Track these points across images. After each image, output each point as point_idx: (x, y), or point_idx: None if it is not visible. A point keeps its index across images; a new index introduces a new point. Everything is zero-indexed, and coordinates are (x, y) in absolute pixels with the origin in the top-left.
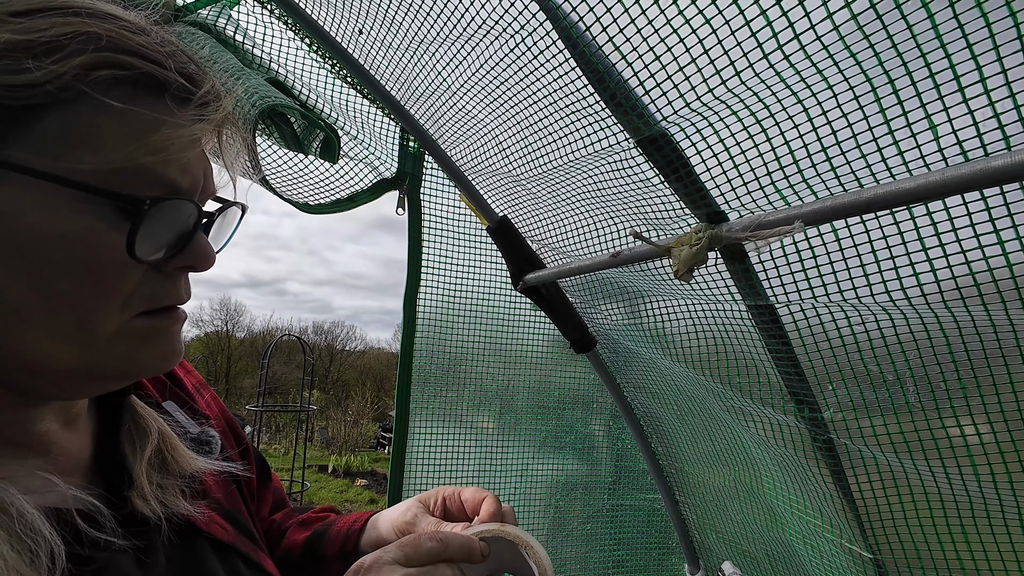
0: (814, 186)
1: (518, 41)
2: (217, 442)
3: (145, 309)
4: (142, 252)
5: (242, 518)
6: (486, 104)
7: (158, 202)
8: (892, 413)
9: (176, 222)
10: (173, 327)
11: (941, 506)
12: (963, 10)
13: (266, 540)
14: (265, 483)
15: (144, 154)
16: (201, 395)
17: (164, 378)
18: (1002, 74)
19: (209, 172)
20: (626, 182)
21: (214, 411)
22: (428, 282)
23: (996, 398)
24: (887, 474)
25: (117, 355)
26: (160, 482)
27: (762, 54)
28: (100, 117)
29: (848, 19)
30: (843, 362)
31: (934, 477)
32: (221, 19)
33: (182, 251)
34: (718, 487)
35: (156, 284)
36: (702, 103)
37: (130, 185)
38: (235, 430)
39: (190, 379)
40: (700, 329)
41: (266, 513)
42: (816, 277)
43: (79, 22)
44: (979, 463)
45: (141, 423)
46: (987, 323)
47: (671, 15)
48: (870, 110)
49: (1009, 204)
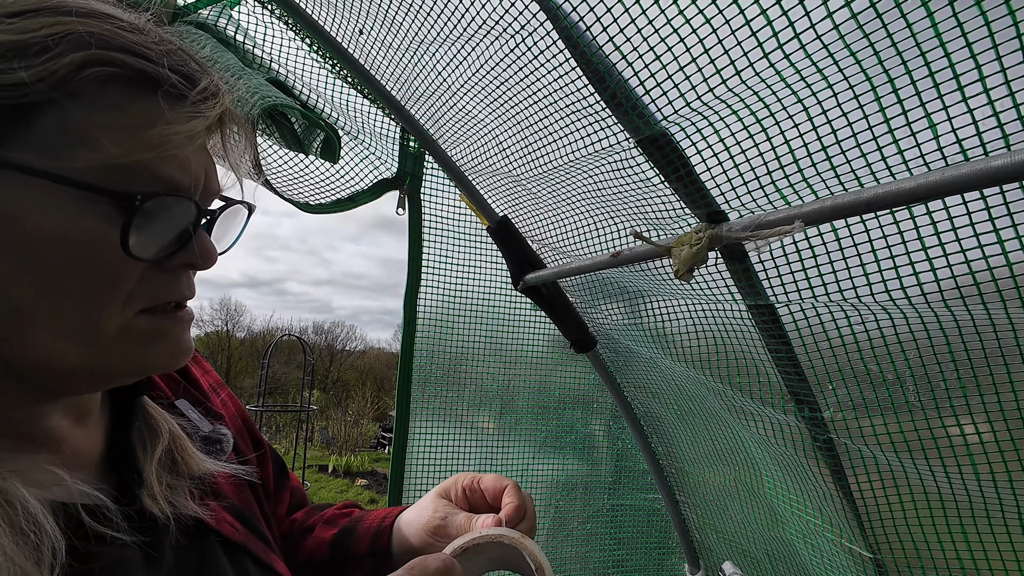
0: (814, 185)
1: (518, 41)
2: (229, 441)
3: (146, 306)
4: (138, 249)
5: (254, 518)
6: (486, 104)
7: (150, 198)
8: (892, 412)
9: (174, 218)
10: (177, 327)
11: (941, 505)
12: (962, 8)
13: (287, 540)
14: (283, 483)
15: (140, 151)
16: (217, 394)
17: (178, 377)
18: (1001, 73)
19: (212, 170)
20: (626, 182)
21: (230, 411)
22: (428, 282)
23: (996, 397)
24: (887, 473)
25: (121, 354)
26: (170, 482)
27: (762, 53)
28: (95, 115)
29: (848, 18)
30: (843, 362)
31: (934, 477)
32: (222, 19)
33: (183, 248)
34: (718, 487)
35: (157, 281)
36: (702, 103)
37: (126, 182)
38: (252, 430)
39: (207, 379)
40: (700, 329)
41: (283, 513)
42: (816, 277)
43: (71, 21)
44: (979, 462)
45: (152, 423)
46: (987, 323)
47: (671, 15)
48: (870, 109)
49: (1008, 204)
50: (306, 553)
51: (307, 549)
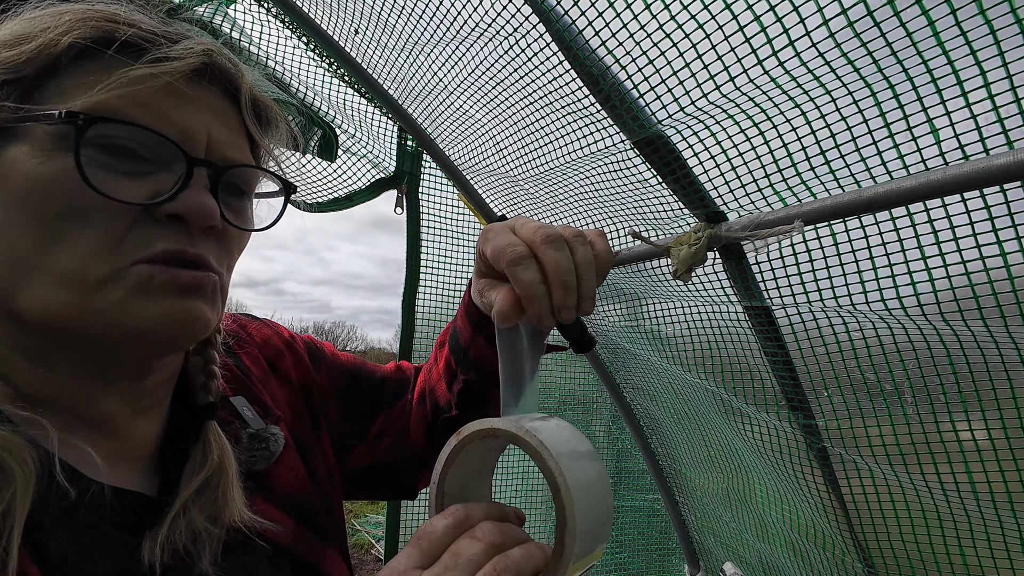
0: (813, 188)
1: (512, 43)
2: (278, 441)
3: (142, 257)
4: (100, 182)
5: (308, 507)
6: (483, 104)
7: (96, 121)
8: (889, 425)
9: (146, 158)
10: (174, 286)
11: (937, 516)
12: (960, 5)
13: (417, 429)
14: (374, 418)
15: (105, 93)
16: (267, 387)
17: (240, 374)
18: (1002, 68)
19: (217, 131)
20: (624, 183)
21: (283, 399)
22: (427, 282)
23: (995, 405)
24: (882, 485)
25: (112, 301)
26: (197, 527)
27: (756, 60)
28: (69, 78)
29: (844, 26)
30: (839, 368)
31: (930, 492)
32: (218, 16)
33: (171, 198)
34: (712, 493)
35: (150, 229)
36: (696, 107)
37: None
38: (311, 395)
39: (258, 369)
40: (696, 332)
41: (387, 429)
42: (812, 282)
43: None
44: (974, 469)
45: (206, 448)
46: (987, 337)
47: (663, 20)
48: (869, 113)
49: (1010, 203)
50: (436, 411)
51: (435, 403)
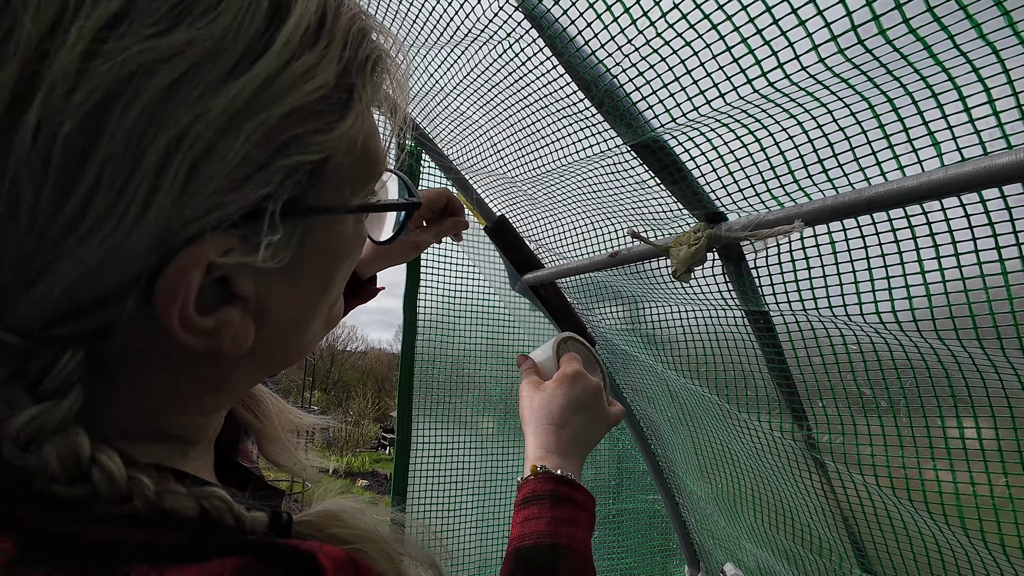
0: (811, 194)
1: (506, 47)
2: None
3: None
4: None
5: None
6: (479, 106)
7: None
8: (883, 446)
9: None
10: None
11: (933, 533)
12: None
13: None
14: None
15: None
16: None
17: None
18: (1003, 70)
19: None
20: (622, 185)
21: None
22: (428, 282)
23: (990, 411)
24: (879, 498)
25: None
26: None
27: (754, 60)
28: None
29: (848, 29)
30: (835, 379)
31: (930, 515)
32: None
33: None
34: (707, 498)
35: None
36: (699, 113)
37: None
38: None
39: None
40: (694, 337)
41: None
42: (808, 290)
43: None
44: (977, 473)
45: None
46: (981, 354)
47: (661, 28)
48: (864, 116)
49: (1011, 208)
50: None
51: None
